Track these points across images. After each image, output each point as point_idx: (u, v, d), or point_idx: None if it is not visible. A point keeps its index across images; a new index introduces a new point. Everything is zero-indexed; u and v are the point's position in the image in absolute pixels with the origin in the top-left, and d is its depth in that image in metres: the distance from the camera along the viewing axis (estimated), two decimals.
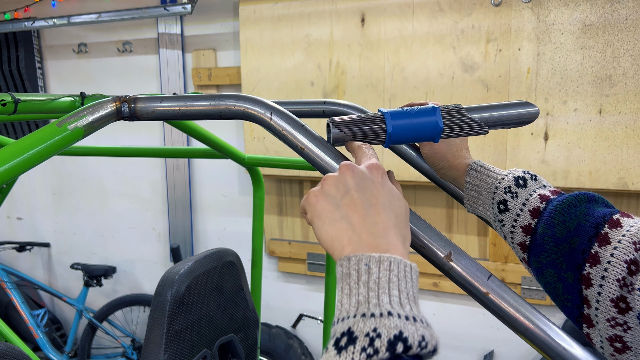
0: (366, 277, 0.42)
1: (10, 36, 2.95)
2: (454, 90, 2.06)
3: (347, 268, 0.44)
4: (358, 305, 0.41)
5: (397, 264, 0.43)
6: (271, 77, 2.32)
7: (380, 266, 0.43)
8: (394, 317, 0.39)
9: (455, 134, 0.65)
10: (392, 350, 0.37)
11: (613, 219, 0.56)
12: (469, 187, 0.72)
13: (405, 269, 0.44)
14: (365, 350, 0.37)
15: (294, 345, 2.59)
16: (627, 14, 1.81)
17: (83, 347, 2.96)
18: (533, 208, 0.63)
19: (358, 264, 0.43)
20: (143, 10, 2.46)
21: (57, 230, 3.25)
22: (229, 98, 0.65)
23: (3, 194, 1.51)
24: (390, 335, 0.38)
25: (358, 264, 0.43)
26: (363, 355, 0.37)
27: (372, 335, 0.38)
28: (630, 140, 1.85)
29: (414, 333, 0.38)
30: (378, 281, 0.42)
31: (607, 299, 0.53)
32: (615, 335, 0.52)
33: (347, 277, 0.44)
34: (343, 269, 0.44)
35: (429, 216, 2.34)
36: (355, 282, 0.43)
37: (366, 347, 0.37)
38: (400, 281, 0.43)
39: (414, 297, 0.43)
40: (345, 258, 0.45)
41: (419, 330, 0.39)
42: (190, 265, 1.05)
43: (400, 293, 0.42)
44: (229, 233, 2.82)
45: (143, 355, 0.97)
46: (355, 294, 0.42)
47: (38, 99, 0.84)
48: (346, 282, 0.43)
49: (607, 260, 0.53)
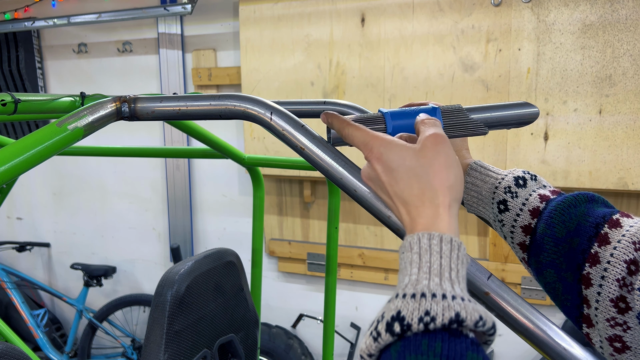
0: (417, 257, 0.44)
1: (10, 36, 2.95)
2: (454, 90, 2.06)
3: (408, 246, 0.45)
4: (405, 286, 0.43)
5: (439, 240, 0.44)
6: (271, 77, 2.32)
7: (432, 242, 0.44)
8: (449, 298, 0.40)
9: (455, 135, 0.65)
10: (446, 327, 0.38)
11: (613, 219, 0.56)
12: (468, 187, 0.72)
13: (458, 247, 0.44)
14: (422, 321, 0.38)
15: (294, 345, 2.59)
16: (627, 14, 1.81)
17: (83, 347, 2.96)
18: (533, 208, 0.63)
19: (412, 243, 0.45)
20: (143, 10, 2.46)
21: (57, 230, 3.25)
22: (229, 98, 0.65)
23: (3, 194, 1.51)
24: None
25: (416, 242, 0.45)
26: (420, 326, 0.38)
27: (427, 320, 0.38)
28: (630, 140, 1.85)
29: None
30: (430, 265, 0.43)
31: (606, 298, 0.53)
32: (615, 335, 0.52)
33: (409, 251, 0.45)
34: (405, 247, 0.46)
35: None
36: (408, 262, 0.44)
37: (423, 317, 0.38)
38: (452, 260, 0.43)
39: (463, 276, 0.43)
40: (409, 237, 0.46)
41: (476, 311, 0.39)
42: (190, 265, 1.05)
43: (452, 272, 0.42)
44: (229, 233, 2.82)
45: (143, 355, 0.97)
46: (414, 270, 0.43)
47: (38, 99, 0.84)
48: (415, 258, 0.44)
49: (606, 260, 0.53)
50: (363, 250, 2.47)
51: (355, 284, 2.60)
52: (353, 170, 0.60)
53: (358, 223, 2.49)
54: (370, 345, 0.39)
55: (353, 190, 0.60)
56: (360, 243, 2.50)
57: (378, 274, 2.49)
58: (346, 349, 2.63)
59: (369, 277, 2.51)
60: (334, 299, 1.42)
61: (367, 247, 2.49)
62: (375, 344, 0.39)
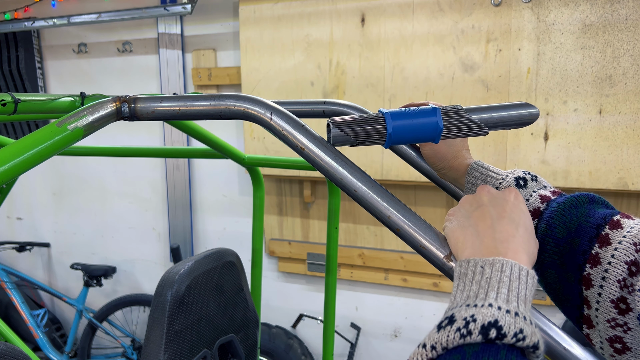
0: (479, 276, 0.47)
1: (10, 36, 2.95)
2: (454, 91, 2.06)
3: (464, 268, 0.49)
4: (467, 299, 0.46)
5: (509, 266, 0.47)
6: (271, 77, 2.32)
7: (492, 267, 0.47)
8: (494, 308, 0.42)
9: (456, 135, 0.65)
10: (484, 334, 0.40)
11: (614, 220, 0.56)
12: (469, 187, 0.72)
13: (520, 272, 0.47)
14: (460, 331, 0.41)
15: (294, 345, 2.59)
16: (627, 14, 1.81)
17: (83, 347, 2.96)
18: (534, 209, 0.63)
19: (475, 266, 0.48)
20: (143, 10, 2.46)
21: (57, 230, 3.25)
22: (229, 98, 0.65)
23: (3, 194, 1.51)
24: (484, 321, 0.41)
25: (475, 266, 0.48)
26: (457, 334, 0.41)
27: (468, 320, 0.42)
28: (630, 140, 1.85)
29: (511, 324, 0.41)
30: (489, 280, 0.46)
31: (607, 299, 0.53)
32: (615, 336, 0.52)
33: (463, 277, 0.48)
34: (461, 269, 0.49)
35: (429, 216, 2.34)
36: (469, 281, 0.47)
37: (461, 328, 0.42)
38: (512, 282, 0.46)
39: (525, 298, 0.45)
40: (464, 260, 0.49)
41: (518, 323, 0.41)
42: (190, 265, 1.05)
43: (510, 292, 0.45)
44: (229, 233, 2.82)
45: (143, 355, 0.97)
46: (467, 290, 0.47)
47: (38, 99, 0.84)
48: (462, 281, 0.48)
49: (607, 261, 0.54)
50: (363, 250, 2.47)
51: (355, 284, 2.60)
52: (353, 170, 0.60)
53: (358, 223, 2.49)
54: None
55: (353, 190, 0.60)
56: (360, 243, 2.50)
57: (378, 274, 2.49)
58: (346, 349, 2.63)
59: (369, 277, 2.51)
60: (334, 299, 1.42)
61: (367, 247, 2.49)
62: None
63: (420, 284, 2.42)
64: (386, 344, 2.62)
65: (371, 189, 0.59)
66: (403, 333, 2.57)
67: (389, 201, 0.59)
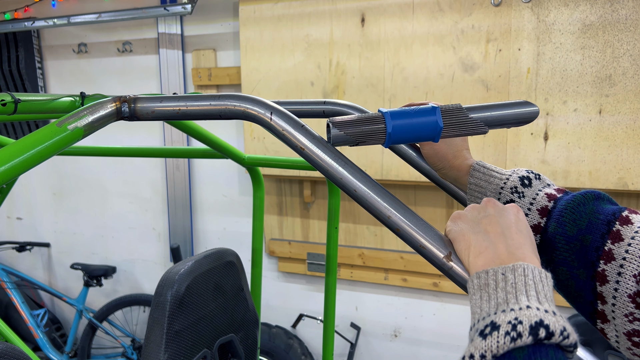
0: (503, 283, 0.46)
1: (10, 36, 2.95)
2: (454, 90, 2.06)
3: (485, 279, 0.48)
4: (497, 306, 0.45)
5: (531, 270, 0.47)
6: (271, 77, 2.32)
7: (515, 273, 0.47)
8: (534, 309, 0.42)
9: (455, 134, 0.65)
10: (534, 335, 0.40)
11: (623, 216, 0.57)
12: (472, 188, 0.72)
13: (540, 274, 0.47)
14: (509, 334, 0.41)
15: (294, 345, 2.59)
16: (627, 14, 1.81)
17: (83, 347, 2.96)
18: (541, 207, 0.64)
19: (495, 274, 0.47)
20: (143, 10, 2.46)
21: (57, 230, 3.25)
22: (229, 98, 0.65)
23: (3, 194, 1.51)
24: (531, 321, 0.41)
25: (495, 275, 0.47)
26: (507, 338, 0.41)
27: (514, 323, 0.41)
28: (630, 140, 1.85)
29: (555, 322, 0.41)
30: (515, 285, 0.46)
31: (624, 294, 0.54)
32: (634, 330, 0.53)
33: (485, 287, 0.48)
34: (481, 280, 0.48)
35: (429, 216, 2.34)
36: (493, 289, 0.47)
37: (509, 332, 0.41)
38: (537, 284, 0.46)
39: (551, 298, 0.46)
40: (483, 271, 0.49)
41: (559, 321, 0.42)
42: (190, 265, 1.05)
43: (538, 294, 0.45)
44: (229, 233, 2.82)
45: (143, 355, 0.97)
46: (494, 297, 0.46)
47: (38, 99, 0.84)
48: (485, 291, 0.47)
49: (622, 257, 0.55)
50: (363, 250, 2.47)
51: (355, 284, 2.60)
52: (353, 170, 0.60)
53: (358, 223, 2.49)
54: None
55: (353, 190, 0.60)
56: (360, 243, 2.50)
57: (378, 274, 2.49)
58: (346, 349, 2.63)
59: (369, 277, 2.51)
60: (334, 299, 1.42)
61: (367, 247, 2.49)
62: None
63: (420, 284, 2.42)
64: (386, 343, 2.62)
65: (371, 189, 0.59)
66: (403, 333, 2.57)
67: (388, 201, 0.59)
